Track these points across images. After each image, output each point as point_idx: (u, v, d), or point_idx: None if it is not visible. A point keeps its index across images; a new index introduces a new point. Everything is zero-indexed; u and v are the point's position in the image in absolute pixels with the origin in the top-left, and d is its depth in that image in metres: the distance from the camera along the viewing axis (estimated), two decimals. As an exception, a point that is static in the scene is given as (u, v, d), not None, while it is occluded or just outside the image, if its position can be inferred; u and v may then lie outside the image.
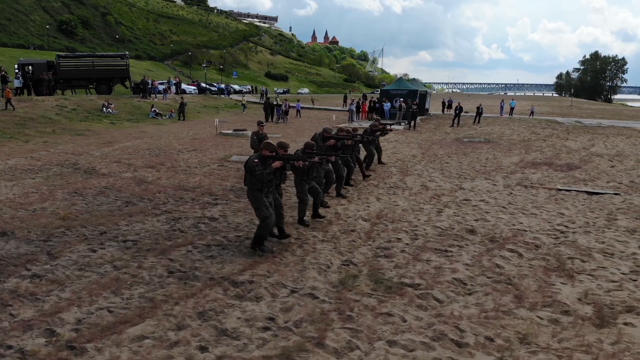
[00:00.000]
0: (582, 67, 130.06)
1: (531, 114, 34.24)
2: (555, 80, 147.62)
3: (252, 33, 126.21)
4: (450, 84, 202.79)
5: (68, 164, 11.98)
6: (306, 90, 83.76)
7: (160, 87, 34.60)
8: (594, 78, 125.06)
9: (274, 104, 29.91)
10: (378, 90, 51.15)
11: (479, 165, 12.90)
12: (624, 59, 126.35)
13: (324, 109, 40.02)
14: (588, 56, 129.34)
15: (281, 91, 66.39)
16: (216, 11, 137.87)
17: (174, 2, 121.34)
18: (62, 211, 7.55)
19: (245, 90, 61.14)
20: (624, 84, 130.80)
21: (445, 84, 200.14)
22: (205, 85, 50.12)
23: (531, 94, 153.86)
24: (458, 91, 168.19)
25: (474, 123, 27.34)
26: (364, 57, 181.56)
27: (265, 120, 26.88)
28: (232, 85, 59.73)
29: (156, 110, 27.40)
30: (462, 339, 3.90)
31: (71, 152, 14.11)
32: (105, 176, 10.54)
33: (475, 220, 7.46)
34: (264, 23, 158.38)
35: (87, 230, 6.66)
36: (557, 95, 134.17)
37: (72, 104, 25.10)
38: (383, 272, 5.30)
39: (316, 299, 4.60)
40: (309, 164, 5.97)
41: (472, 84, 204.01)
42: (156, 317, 4.18)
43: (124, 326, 4.03)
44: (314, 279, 5.07)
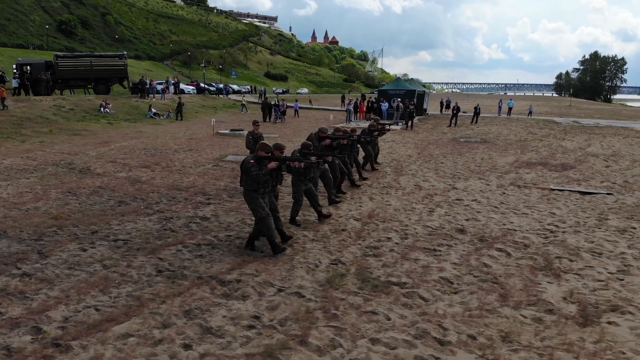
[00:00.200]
0: (581, 67, 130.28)
1: (529, 114, 34.30)
2: (555, 81, 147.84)
3: (251, 33, 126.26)
4: (450, 84, 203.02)
5: (63, 163, 12.00)
6: (305, 90, 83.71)
7: (159, 87, 34.62)
8: (593, 78, 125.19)
9: (271, 104, 29.92)
10: (377, 91, 51.11)
11: (473, 165, 12.92)
12: (623, 59, 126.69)
13: (322, 109, 40.04)
14: (587, 56, 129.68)
15: (280, 91, 66.39)
16: (216, 11, 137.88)
17: (174, 2, 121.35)
18: (54, 211, 7.59)
19: (244, 90, 61.15)
20: (623, 84, 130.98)
21: (445, 84, 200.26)
22: (204, 85, 50.13)
23: (531, 94, 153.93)
24: (458, 91, 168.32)
25: (471, 123, 27.38)
26: (363, 57, 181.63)
27: (262, 120, 26.92)
28: (231, 85, 59.76)
29: (154, 110, 27.42)
30: (445, 337, 3.93)
31: (67, 152, 14.14)
32: (100, 176, 10.57)
33: (466, 219, 7.49)
34: (264, 23, 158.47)
35: (78, 229, 6.69)
36: (556, 95, 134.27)
37: (70, 104, 25.11)
38: (371, 271, 5.33)
39: (302, 297, 4.63)
40: (305, 164, 6.00)
41: (472, 84, 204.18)
42: (142, 316, 4.21)
43: (109, 324, 4.06)
44: (301, 278, 5.10)
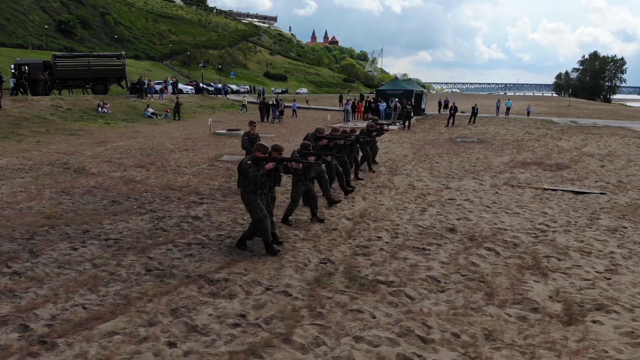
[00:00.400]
0: (581, 67, 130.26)
1: (528, 114, 34.32)
2: (555, 80, 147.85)
3: (251, 33, 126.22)
4: (450, 84, 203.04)
5: (59, 163, 12.03)
6: (305, 90, 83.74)
7: (157, 87, 34.65)
8: (593, 78, 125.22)
9: (269, 103, 29.94)
10: (375, 91, 51.06)
11: (468, 165, 12.95)
12: (622, 59, 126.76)
13: (321, 109, 40.07)
14: (587, 56, 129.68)
15: (279, 91, 66.39)
16: (215, 11, 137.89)
17: (173, 2, 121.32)
18: (47, 210, 7.61)
19: (243, 90, 61.17)
20: (623, 84, 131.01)
21: (445, 84, 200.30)
22: (203, 85, 50.18)
23: (531, 94, 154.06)
24: (458, 91, 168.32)
25: (469, 123, 27.39)
26: (363, 57, 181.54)
27: (260, 120, 26.93)
28: (230, 85, 59.80)
29: (151, 110, 27.45)
30: (428, 335, 3.95)
31: (63, 151, 14.16)
32: (95, 175, 10.59)
33: (458, 219, 7.51)
34: (264, 23, 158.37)
35: (70, 228, 6.71)
36: (556, 95, 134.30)
37: (68, 103, 25.14)
38: (359, 269, 5.35)
39: (289, 296, 4.66)
40: (303, 164, 6.01)
41: (472, 84, 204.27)
42: (129, 314, 4.24)
43: (96, 322, 4.09)
44: (289, 277, 5.12)
